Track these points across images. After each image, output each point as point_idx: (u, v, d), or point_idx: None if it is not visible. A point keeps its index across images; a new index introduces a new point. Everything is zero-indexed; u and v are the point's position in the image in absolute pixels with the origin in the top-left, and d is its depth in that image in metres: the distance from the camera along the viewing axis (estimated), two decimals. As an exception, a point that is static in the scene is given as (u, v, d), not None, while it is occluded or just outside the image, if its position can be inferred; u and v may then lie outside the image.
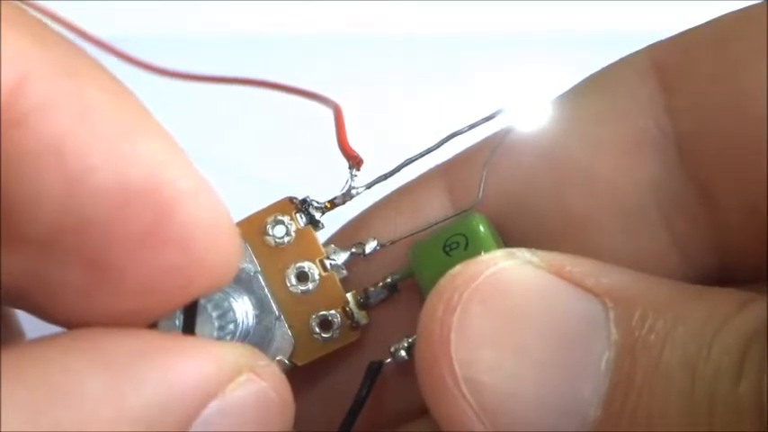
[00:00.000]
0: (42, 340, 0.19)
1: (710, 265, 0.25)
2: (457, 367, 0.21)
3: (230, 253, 0.22)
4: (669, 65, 0.25)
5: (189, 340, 0.21)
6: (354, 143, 0.26)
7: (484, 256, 0.23)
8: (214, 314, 0.25)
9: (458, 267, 0.22)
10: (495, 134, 0.26)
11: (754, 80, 0.23)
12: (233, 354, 0.21)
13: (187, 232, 0.20)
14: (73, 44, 0.20)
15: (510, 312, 0.22)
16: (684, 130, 0.24)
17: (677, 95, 0.24)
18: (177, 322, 0.24)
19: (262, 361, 0.22)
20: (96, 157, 0.19)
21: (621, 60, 0.26)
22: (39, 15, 0.21)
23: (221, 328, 0.25)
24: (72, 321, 0.21)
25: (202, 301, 0.24)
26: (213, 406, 0.20)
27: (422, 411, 0.24)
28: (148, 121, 0.21)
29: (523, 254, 0.23)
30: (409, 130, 0.31)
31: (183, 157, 0.21)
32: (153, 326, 0.24)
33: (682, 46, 0.25)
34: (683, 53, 0.25)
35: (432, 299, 0.22)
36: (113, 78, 0.21)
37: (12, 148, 0.19)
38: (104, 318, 0.21)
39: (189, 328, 0.23)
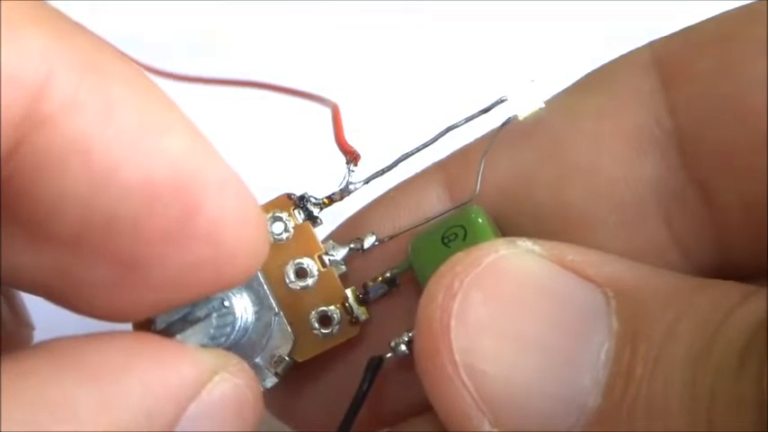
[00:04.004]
0: (34, 353, 0.20)
1: (710, 262, 0.25)
2: (457, 355, 0.21)
3: (258, 245, 0.22)
4: (670, 61, 0.25)
5: (167, 345, 0.22)
6: (352, 140, 0.26)
7: (485, 244, 0.23)
8: (215, 322, 0.25)
9: (458, 254, 0.22)
10: (494, 129, 0.26)
11: (754, 77, 0.23)
12: (208, 356, 0.22)
13: (215, 228, 0.20)
14: (95, 36, 0.20)
15: (511, 300, 0.22)
16: (685, 127, 0.24)
17: (678, 92, 0.24)
18: (175, 316, 0.24)
19: (233, 360, 0.22)
20: (121, 154, 0.19)
21: (622, 56, 0.26)
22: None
23: (213, 338, 0.25)
24: (99, 313, 0.21)
25: (213, 312, 0.24)
26: (194, 406, 0.21)
27: (423, 407, 0.24)
28: (173, 115, 0.20)
29: (525, 243, 0.23)
30: (407, 129, 0.31)
31: (211, 150, 0.21)
32: (148, 321, 0.24)
33: (683, 42, 0.25)
34: (685, 49, 0.24)
35: (432, 285, 0.22)
36: (137, 71, 0.21)
37: (36, 147, 0.19)
38: (131, 309, 0.21)
39: (171, 329, 0.24)
